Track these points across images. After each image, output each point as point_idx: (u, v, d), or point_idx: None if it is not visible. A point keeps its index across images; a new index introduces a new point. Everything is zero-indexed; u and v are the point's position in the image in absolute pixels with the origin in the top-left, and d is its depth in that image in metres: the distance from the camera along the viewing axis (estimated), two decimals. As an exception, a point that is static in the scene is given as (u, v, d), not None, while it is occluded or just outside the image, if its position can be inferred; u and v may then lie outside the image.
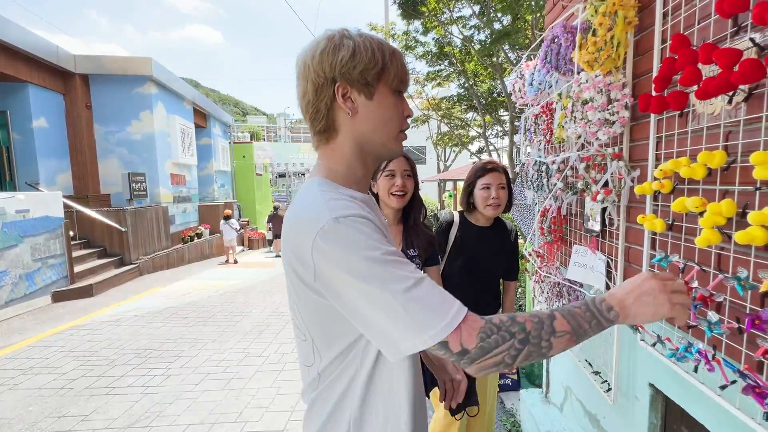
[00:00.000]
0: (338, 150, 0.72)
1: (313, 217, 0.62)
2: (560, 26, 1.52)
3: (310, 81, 0.69)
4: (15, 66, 7.07)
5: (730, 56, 0.77)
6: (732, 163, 0.86)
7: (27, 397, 3.03)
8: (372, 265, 0.58)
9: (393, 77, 0.70)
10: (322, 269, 0.61)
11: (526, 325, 0.58)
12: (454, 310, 0.57)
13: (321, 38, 0.69)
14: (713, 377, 0.88)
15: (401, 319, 0.56)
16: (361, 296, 0.58)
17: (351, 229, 0.60)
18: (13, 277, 5.28)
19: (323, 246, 0.59)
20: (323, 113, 0.70)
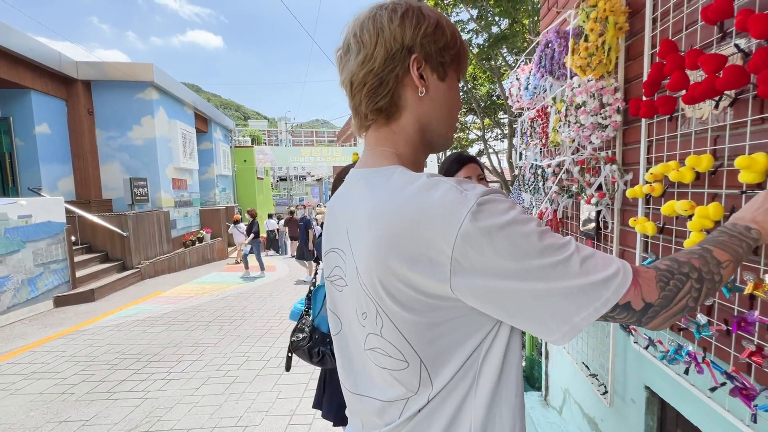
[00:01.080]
0: (401, 132, 0.62)
1: (451, 202, 0.50)
2: (553, 32, 1.54)
3: (382, 45, 0.58)
4: (18, 73, 7.14)
5: (715, 62, 0.78)
6: (719, 167, 0.87)
7: (28, 402, 3.04)
8: (532, 238, 0.49)
9: (462, 66, 0.65)
10: (467, 264, 0.49)
11: (694, 263, 0.53)
12: (621, 266, 0.50)
13: (396, 2, 0.61)
14: (704, 379, 0.89)
15: (577, 288, 0.48)
16: (524, 278, 0.49)
17: (499, 204, 0.50)
18: (15, 282, 5.31)
19: (473, 231, 0.48)
20: (390, 86, 0.59)
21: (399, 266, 0.52)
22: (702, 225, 0.85)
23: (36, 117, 7.63)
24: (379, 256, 0.54)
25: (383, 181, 0.59)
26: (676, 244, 1.02)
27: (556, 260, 0.49)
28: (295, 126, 61.04)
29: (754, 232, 0.59)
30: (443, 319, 0.55)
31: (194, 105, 11.51)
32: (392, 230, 0.53)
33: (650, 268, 0.52)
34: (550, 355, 2.24)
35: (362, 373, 0.67)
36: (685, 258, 0.53)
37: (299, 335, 1.51)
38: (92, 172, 8.81)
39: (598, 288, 0.48)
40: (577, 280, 0.48)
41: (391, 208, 0.54)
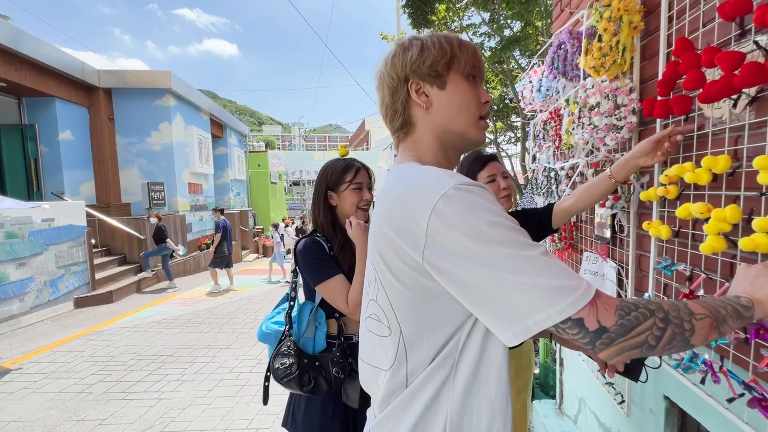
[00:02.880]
0: (419, 142, 0.74)
1: (433, 185, 0.57)
2: (566, 32, 1.52)
3: (386, 86, 0.73)
4: (44, 81, 7.43)
5: (733, 59, 0.76)
6: (737, 168, 0.84)
7: (48, 400, 3.13)
8: (501, 229, 0.52)
9: (464, 64, 0.71)
10: (437, 238, 0.54)
11: (663, 305, 0.52)
12: (585, 283, 0.51)
13: (390, 51, 0.75)
14: (722, 389, 0.85)
15: (534, 287, 0.49)
16: (485, 264, 0.51)
17: (476, 195, 0.55)
18: (38, 284, 5.49)
19: (445, 210, 0.54)
20: (400, 111, 0.73)
21: (392, 235, 0.60)
22: (719, 228, 0.81)
23: (60, 124, 7.92)
24: (381, 227, 0.64)
25: (396, 171, 0.71)
26: (692, 248, 0.99)
27: (521, 254, 0.51)
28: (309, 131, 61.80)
29: (745, 300, 0.59)
30: (422, 294, 0.61)
31: (210, 111, 11.75)
32: (391, 205, 0.63)
33: (616, 297, 0.53)
34: (565, 363, 2.19)
35: (365, 341, 0.76)
36: (656, 302, 0.53)
37: (284, 361, 1.28)
38: (112, 177, 9.07)
39: (555, 294, 0.49)
40: (538, 279, 0.50)
41: (394, 188, 0.66)
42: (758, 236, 0.70)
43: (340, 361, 1.30)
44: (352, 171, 1.35)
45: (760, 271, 0.63)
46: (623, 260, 1.37)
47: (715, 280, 0.90)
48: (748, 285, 0.62)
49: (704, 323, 0.53)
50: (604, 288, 1.43)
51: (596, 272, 1.50)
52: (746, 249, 0.72)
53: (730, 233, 0.82)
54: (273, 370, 1.30)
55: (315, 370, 1.28)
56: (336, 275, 1.26)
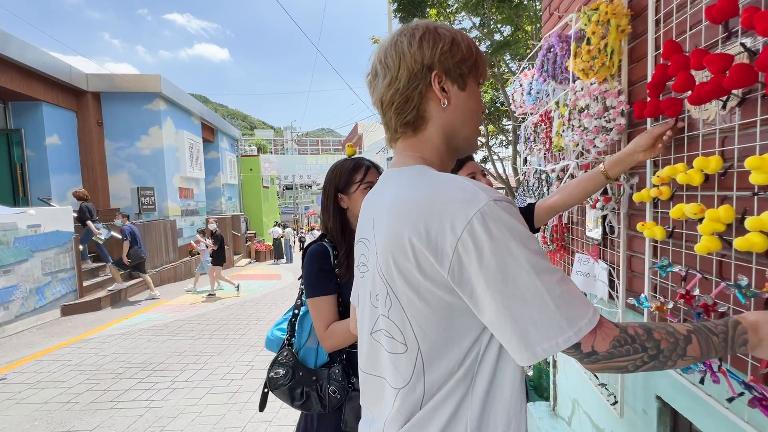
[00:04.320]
0: (427, 141, 0.69)
1: (467, 197, 0.55)
2: (555, 36, 1.53)
3: (405, 67, 0.65)
4: (30, 85, 7.31)
5: (721, 61, 0.77)
6: (729, 169, 0.84)
7: (33, 411, 3.04)
8: (532, 254, 0.53)
9: (480, 72, 0.70)
10: (467, 255, 0.54)
11: (661, 344, 0.54)
12: (591, 311, 0.53)
13: (414, 26, 0.67)
14: (720, 389, 0.85)
15: (547, 318, 0.51)
16: (506, 291, 0.52)
17: (509, 214, 0.55)
18: (23, 291, 5.35)
19: (479, 226, 0.53)
20: (415, 102, 0.66)
21: (419, 245, 0.57)
22: (713, 228, 0.82)
23: (47, 128, 7.78)
24: (397, 236, 0.60)
25: (408, 175, 0.66)
26: (686, 249, 0.99)
27: (541, 284, 0.52)
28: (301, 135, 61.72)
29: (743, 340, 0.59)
30: (445, 311, 0.59)
31: (201, 115, 11.66)
32: (412, 213, 0.59)
33: (618, 327, 0.54)
34: (558, 365, 2.19)
35: (369, 354, 0.72)
36: (660, 335, 0.55)
37: (279, 371, 1.22)
38: (100, 182, 8.93)
39: (565, 323, 0.51)
40: (552, 310, 0.51)
41: (413, 194, 0.61)
42: (753, 236, 0.71)
43: (339, 380, 1.19)
44: (362, 170, 1.27)
45: None
46: (614, 261, 1.38)
47: (710, 279, 0.91)
48: None
49: (688, 361, 0.56)
50: (596, 289, 1.44)
51: (587, 273, 1.50)
52: (741, 249, 0.73)
53: (725, 233, 0.82)
54: (268, 379, 1.25)
55: (309, 385, 1.20)
56: (328, 295, 1.16)
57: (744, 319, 0.61)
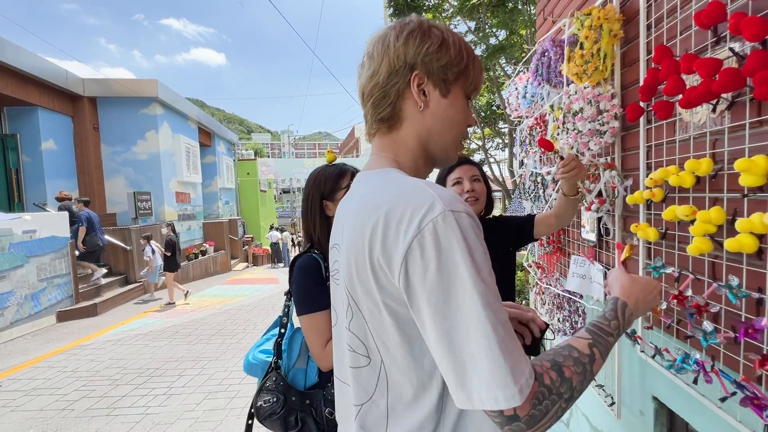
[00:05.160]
0: (401, 143, 0.66)
1: (420, 204, 0.51)
2: (549, 40, 1.55)
3: (386, 62, 0.62)
4: (26, 90, 7.28)
5: (710, 66, 0.78)
6: (719, 171, 0.86)
7: (28, 419, 3.01)
8: (481, 281, 0.48)
9: (470, 82, 0.66)
10: (413, 268, 0.50)
11: (573, 381, 0.52)
12: (530, 364, 0.49)
13: (406, 21, 0.64)
14: (714, 389, 0.86)
15: (493, 360, 0.46)
16: (455, 313, 0.48)
17: (466, 229, 0.50)
18: (18, 298, 5.31)
19: (431, 240, 0.49)
20: (391, 99, 0.63)
21: (375, 254, 0.54)
22: (705, 230, 0.83)
23: (42, 133, 7.74)
24: (357, 242, 0.57)
25: (375, 178, 0.63)
26: (679, 250, 1.01)
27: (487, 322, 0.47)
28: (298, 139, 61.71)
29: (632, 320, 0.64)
30: (399, 323, 0.56)
31: (198, 119, 11.65)
32: (370, 221, 0.55)
33: (536, 380, 0.49)
34: (556, 366, 2.20)
35: (342, 363, 0.69)
36: (570, 372, 0.52)
37: (268, 398, 1.13)
38: (97, 186, 8.89)
39: (510, 380, 0.46)
40: (496, 359, 0.46)
41: (374, 199, 0.58)
42: (743, 237, 0.72)
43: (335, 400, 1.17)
44: (348, 176, 1.24)
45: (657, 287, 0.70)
46: (610, 262, 1.39)
47: (703, 280, 0.92)
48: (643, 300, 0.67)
49: (598, 368, 0.56)
50: (592, 291, 1.45)
51: (584, 275, 1.52)
52: (732, 250, 0.74)
53: (716, 234, 0.84)
54: (256, 409, 1.15)
55: (304, 409, 1.13)
56: (324, 310, 1.09)
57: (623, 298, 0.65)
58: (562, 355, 0.54)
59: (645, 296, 0.67)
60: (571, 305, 1.65)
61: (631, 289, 0.66)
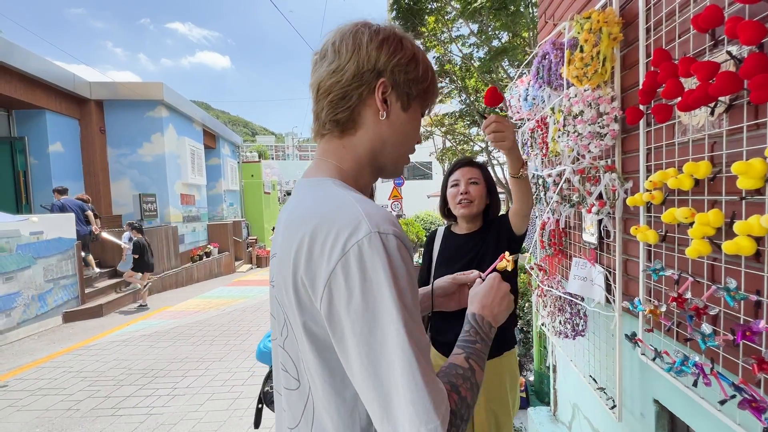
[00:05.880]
0: (350, 148, 0.63)
1: (346, 224, 0.49)
2: (550, 43, 1.56)
3: (355, 61, 0.59)
4: (34, 94, 7.38)
5: (708, 69, 0.78)
6: (718, 173, 0.86)
7: (34, 418, 3.04)
8: (405, 310, 0.47)
9: (428, 102, 0.68)
10: (337, 293, 0.48)
11: (467, 398, 0.53)
12: (445, 397, 0.49)
13: (381, 27, 0.62)
14: (714, 392, 0.86)
15: (416, 391, 0.45)
16: (380, 342, 0.46)
17: (394, 253, 0.49)
18: (25, 298, 5.37)
19: (355, 264, 0.47)
20: (352, 102, 0.61)
21: (299, 273, 0.52)
22: (703, 232, 0.83)
23: (50, 136, 7.84)
24: (287, 255, 0.54)
25: (309, 190, 0.60)
26: (679, 253, 1.01)
27: (411, 352, 0.46)
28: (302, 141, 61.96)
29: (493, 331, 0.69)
30: (320, 347, 0.54)
31: (203, 122, 11.74)
32: (301, 238, 0.52)
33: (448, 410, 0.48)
34: (558, 369, 2.19)
35: (278, 380, 0.67)
36: (465, 391, 0.53)
37: None
38: (103, 189, 8.98)
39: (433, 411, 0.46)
40: (419, 390, 0.45)
41: (302, 215, 0.56)
42: (741, 239, 0.72)
43: None
44: None
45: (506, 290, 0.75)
46: (610, 265, 1.39)
47: (702, 283, 0.92)
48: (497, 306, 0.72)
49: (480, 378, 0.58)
50: (593, 293, 1.45)
51: (585, 277, 1.51)
52: (729, 252, 0.74)
53: (714, 237, 0.84)
54: (264, 394, 1.17)
55: None
56: None
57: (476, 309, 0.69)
58: (453, 375, 0.54)
59: (491, 301, 0.71)
60: (573, 308, 1.65)
61: (478, 300, 0.71)
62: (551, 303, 1.84)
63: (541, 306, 1.97)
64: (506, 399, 1.53)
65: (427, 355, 0.49)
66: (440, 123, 8.10)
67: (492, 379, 1.51)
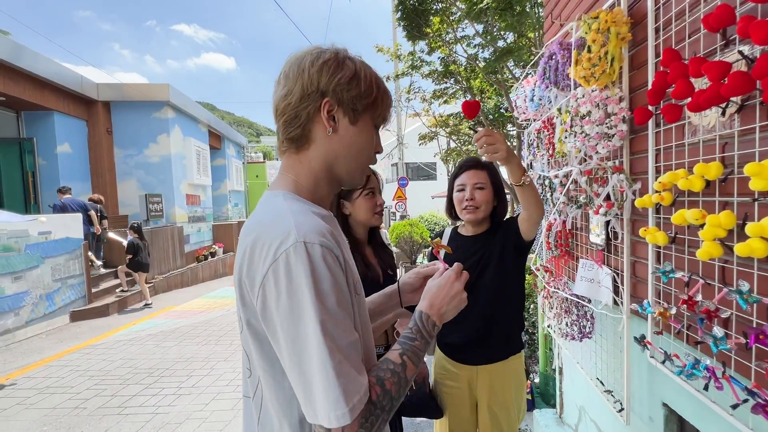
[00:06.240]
0: (306, 164, 0.70)
1: (278, 234, 0.58)
2: (556, 44, 1.55)
3: (300, 85, 0.66)
4: (42, 95, 7.47)
5: (719, 69, 0.78)
6: (729, 175, 0.85)
7: (42, 416, 3.07)
8: (324, 310, 0.55)
9: (379, 114, 0.72)
10: (269, 294, 0.56)
11: (392, 392, 0.60)
12: (365, 385, 0.56)
13: (324, 49, 0.68)
14: (725, 396, 0.85)
15: (328, 382, 0.53)
16: (303, 338, 0.54)
17: (317, 260, 0.56)
18: (33, 298, 5.43)
19: (283, 270, 0.55)
20: (302, 121, 0.67)
21: (243, 276, 0.61)
22: (714, 234, 0.82)
23: (58, 137, 7.93)
24: (240, 258, 0.62)
25: (264, 202, 0.69)
26: (689, 254, 1.00)
27: (324, 347, 0.54)
28: (306, 141, 61.97)
29: (436, 330, 0.71)
30: (260, 342, 0.62)
31: (208, 123, 11.81)
32: (246, 245, 0.62)
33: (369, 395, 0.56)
34: (564, 371, 2.17)
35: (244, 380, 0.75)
36: (390, 384, 0.60)
37: None
38: (110, 189, 9.06)
39: (342, 399, 0.53)
40: (331, 381, 0.53)
41: (251, 224, 0.65)
42: (753, 241, 0.71)
43: None
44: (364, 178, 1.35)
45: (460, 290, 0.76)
46: (618, 266, 1.38)
47: (713, 285, 0.91)
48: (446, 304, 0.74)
49: (412, 376, 0.64)
50: (600, 295, 1.44)
51: (592, 279, 1.50)
52: (742, 254, 0.73)
53: (726, 239, 0.83)
54: None
55: None
56: None
57: (424, 308, 0.72)
58: (382, 369, 0.61)
59: (441, 300, 0.74)
60: (579, 309, 1.64)
61: (428, 298, 0.74)
62: (557, 305, 1.83)
63: (547, 308, 1.96)
64: (509, 403, 1.52)
65: (349, 351, 0.56)
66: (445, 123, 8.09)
67: (496, 382, 1.50)
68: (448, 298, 0.74)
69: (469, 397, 1.52)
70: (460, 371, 1.51)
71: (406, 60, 6.81)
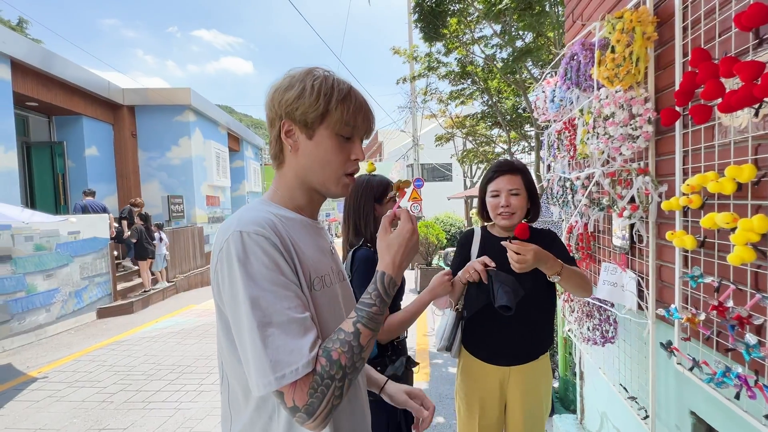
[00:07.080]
0: (282, 177, 0.78)
1: (227, 227, 0.66)
2: (578, 44, 1.53)
3: (268, 112, 0.75)
4: (72, 101, 7.80)
5: (752, 69, 0.76)
6: (763, 177, 0.82)
7: (72, 409, 3.20)
8: (257, 288, 0.60)
9: (336, 122, 0.71)
10: (219, 277, 0.64)
11: (341, 361, 0.62)
12: (304, 362, 0.59)
13: (290, 76, 0.73)
14: (758, 405, 0.82)
15: (257, 353, 0.59)
16: (239, 314, 0.61)
17: (251, 247, 0.63)
18: (63, 295, 5.66)
19: (225, 256, 0.63)
20: (275, 143, 0.76)
21: (213, 265, 0.67)
22: (747, 238, 0.80)
23: (86, 140, 8.26)
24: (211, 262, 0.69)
25: None
26: (719, 259, 0.97)
27: (253, 321, 0.59)
28: (322, 143, 62.46)
29: (392, 287, 0.71)
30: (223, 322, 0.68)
31: (227, 125, 12.08)
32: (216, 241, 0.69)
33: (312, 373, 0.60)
34: (585, 376, 2.13)
35: None
36: (337, 354, 0.62)
37: None
38: (134, 190, 9.37)
39: (269, 369, 0.58)
40: (259, 352, 0.58)
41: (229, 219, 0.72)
42: (785, 247, 0.69)
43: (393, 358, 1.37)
44: (389, 185, 1.48)
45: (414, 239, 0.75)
46: (643, 270, 1.35)
47: (745, 291, 0.88)
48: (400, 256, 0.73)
49: (370, 344, 0.66)
50: (624, 299, 1.41)
51: (615, 283, 1.47)
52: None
53: (759, 243, 0.80)
54: None
55: None
56: None
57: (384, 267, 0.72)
58: (331, 340, 0.64)
59: (401, 255, 0.73)
60: (602, 314, 1.61)
61: (390, 255, 0.73)
62: (579, 308, 1.80)
63: (567, 311, 1.93)
64: (540, 402, 1.51)
65: (287, 325, 0.60)
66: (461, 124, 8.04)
67: (528, 381, 1.47)
68: (407, 250, 0.74)
69: (499, 398, 1.50)
70: (491, 372, 1.50)
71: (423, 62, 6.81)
